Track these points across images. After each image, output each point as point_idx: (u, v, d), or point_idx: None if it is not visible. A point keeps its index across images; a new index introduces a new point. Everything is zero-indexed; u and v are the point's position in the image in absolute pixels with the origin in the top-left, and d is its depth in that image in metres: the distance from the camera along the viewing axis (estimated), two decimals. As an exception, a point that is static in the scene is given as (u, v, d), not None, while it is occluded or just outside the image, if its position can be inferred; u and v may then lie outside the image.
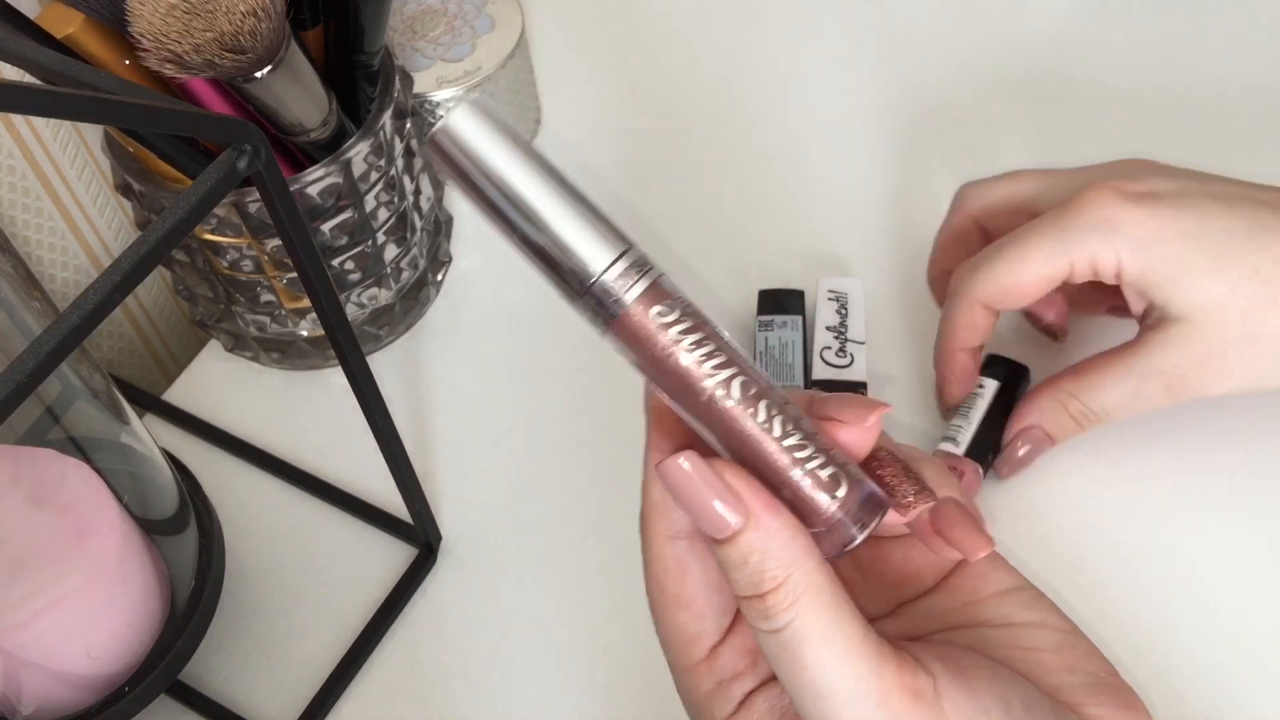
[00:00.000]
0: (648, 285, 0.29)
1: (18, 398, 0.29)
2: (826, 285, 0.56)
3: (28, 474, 0.42)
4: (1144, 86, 0.64)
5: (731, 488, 0.29)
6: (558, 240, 0.29)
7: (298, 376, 0.59)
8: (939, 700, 0.29)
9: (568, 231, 0.29)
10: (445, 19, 0.63)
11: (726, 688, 0.32)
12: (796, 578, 0.29)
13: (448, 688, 0.49)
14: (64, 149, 0.58)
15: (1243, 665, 0.46)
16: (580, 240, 0.29)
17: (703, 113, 0.66)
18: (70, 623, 0.41)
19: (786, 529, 0.29)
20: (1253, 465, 0.51)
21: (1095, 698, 0.31)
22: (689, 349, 0.29)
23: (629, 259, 0.29)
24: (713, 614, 0.32)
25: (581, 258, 0.29)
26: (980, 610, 0.33)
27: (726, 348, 0.29)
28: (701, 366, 0.29)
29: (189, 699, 0.49)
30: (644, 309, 0.29)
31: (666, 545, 0.32)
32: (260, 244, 0.51)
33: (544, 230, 0.29)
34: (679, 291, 0.30)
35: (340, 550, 0.53)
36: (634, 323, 0.29)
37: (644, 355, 0.29)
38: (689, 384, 0.29)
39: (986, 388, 0.51)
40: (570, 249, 0.29)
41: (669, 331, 0.29)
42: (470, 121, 0.29)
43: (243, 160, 0.34)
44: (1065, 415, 0.48)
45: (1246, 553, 0.49)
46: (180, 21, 0.42)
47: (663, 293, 0.29)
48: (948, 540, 0.32)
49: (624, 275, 0.29)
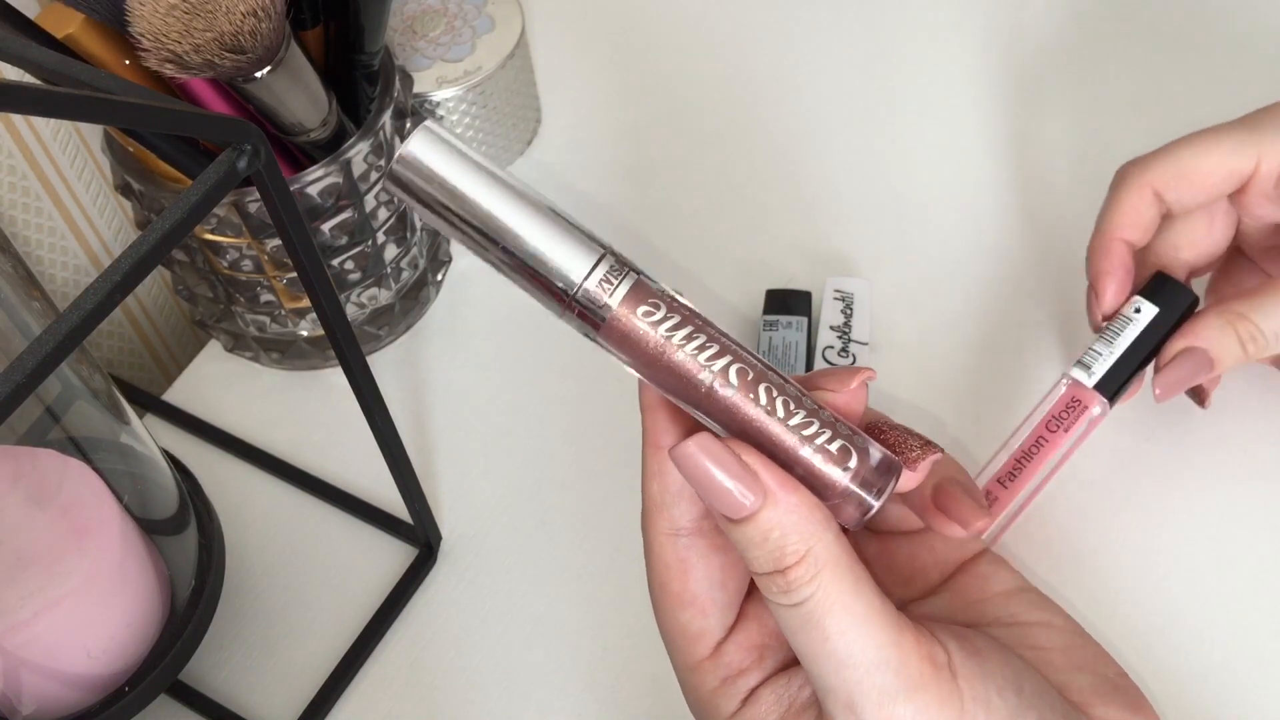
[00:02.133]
0: (630, 286, 0.29)
1: (18, 398, 0.29)
2: (833, 285, 0.56)
3: (28, 474, 0.42)
4: (1144, 89, 0.64)
5: (747, 466, 0.29)
6: (533, 255, 0.29)
7: (298, 376, 0.59)
8: (954, 675, 0.29)
9: (542, 245, 0.29)
10: (445, 19, 0.63)
11: (732, 684, 0.32)
12: (817, 550, 0.29)
13: (448, 688, 0.49)
14: (64, 149, 0.58)
15: (1250, 669, 0.46)
16: (556, 252, 0.29)
17: (704, 112, 0.66)
18: (70, 623, 0.41)
19: (804, 503, 0.29)
20: (1253, 467, 0.51)
21: (1103, 698, 0.31)
22: (681, 343, 0.29)
23: (607, 264, 0.29)
24: (716, 611, 0.32)
25: (560, 269, 0.29)
26: (987, 609, 0.34)
27: (718, 337, 0.29)
28: (696, 359, 0.29)
29: (189, 699, 0.49)
30: (630, 310, 0.29)
31: (668, 542, 0.32)
32: (260, 244, 0.51)
33: (517, 247, 0.29)
34: (663, 288, 0.29)
35: (340, 550, 0.53)
36: (622, 325, 0.29)
37: (637, 355, 0.29)
38: (686, 378, 0.29)
39: (1144, 312, 0.44)
40: (547, 262, 0.29)
41: (659, 329, 0.29)
42: (427, 147, 0.28)
43: (243, 160, 0.34)
44: (1233, 338, 0.42)
45: (1252, 554, 0.49)
46: (180, 21, 0.42)
47: (647, 291, 0.29)
48: (948, 514, 0.32)
49: (605, 280, 0.29)
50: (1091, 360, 0.44)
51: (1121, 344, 0.44)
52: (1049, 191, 0.61)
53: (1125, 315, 0.45)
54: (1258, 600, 0.48)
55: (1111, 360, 0.44)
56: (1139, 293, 0.45)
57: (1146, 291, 0.45)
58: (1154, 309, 0.44)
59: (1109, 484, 0.51)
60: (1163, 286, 0.45)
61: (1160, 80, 0.65)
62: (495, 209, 0.28)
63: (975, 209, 0.60)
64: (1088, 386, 0.44)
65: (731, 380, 0.29)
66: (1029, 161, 0.62)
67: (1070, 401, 0.44)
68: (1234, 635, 0.47)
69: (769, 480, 0.29)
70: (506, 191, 0.29)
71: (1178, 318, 0.44)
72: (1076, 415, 0.43)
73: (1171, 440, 0.51)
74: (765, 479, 0.29)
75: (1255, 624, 0.47)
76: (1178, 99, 0.63)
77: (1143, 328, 0.44)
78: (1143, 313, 0.44)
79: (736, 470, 0.29)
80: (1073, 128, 0.63)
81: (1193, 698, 0.45)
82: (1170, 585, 0.48)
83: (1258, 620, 0.47)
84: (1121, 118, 0.63)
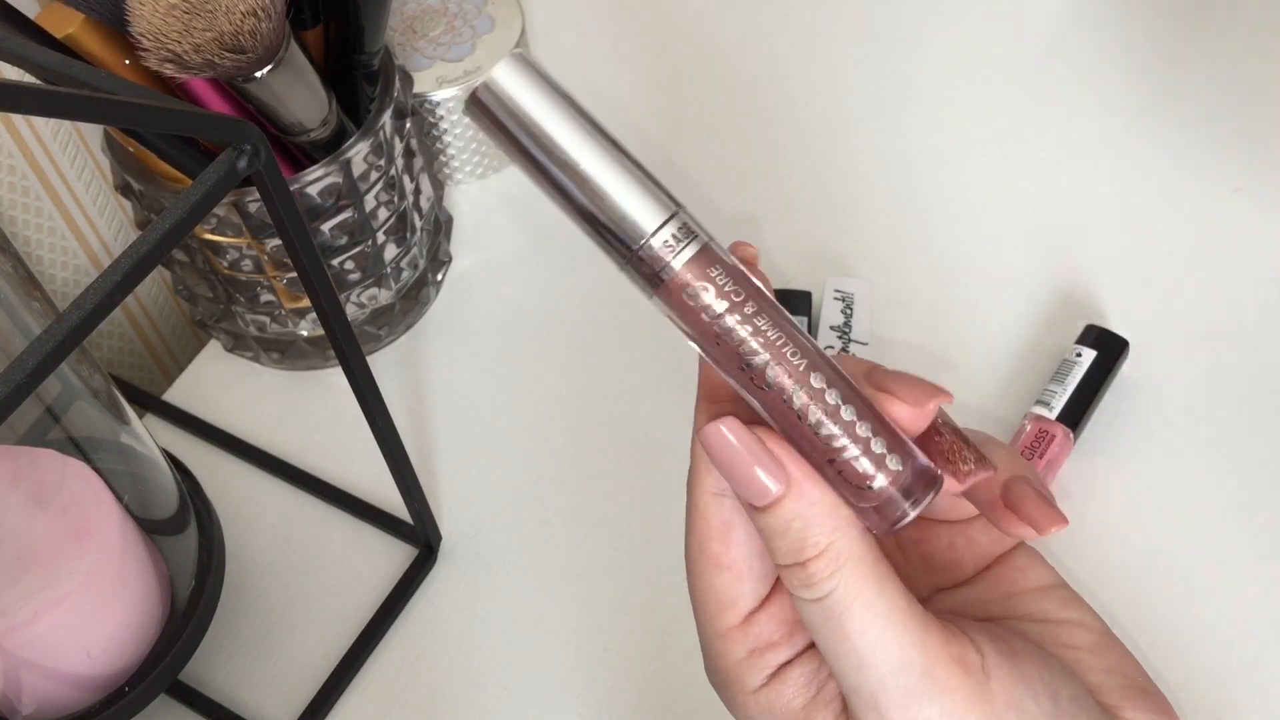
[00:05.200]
0: (696, 251, 0.28)
1: (18, 398, 0.29)
2: (833, 285, 0.56)
3: (28, 474, 0.42)
4: (1144, 88, 0.64)
5: (773, 454, 0.28)
6: (606, 202, 0.28)
7: (298, 376, 0.59)
8: (986, 677, 0.28)
9: (616, 193, 0.28)
10: (445, 19, 0.63)
11: (760, 656, 0.31)
12: (839, 545, 0.28)
13: (448, 688, 0.49)
14: (64, 149, 0.58)
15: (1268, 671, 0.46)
16: (628, 203, 0.28)
17: (705, 112, 0.66)
18: (70, 623, 0.41)
19: (828, 497, 0.28)
20: (1254, 468, 0.51)
21: (1132, 701, 0.31)
22: (738, 317, 0.28)
23: (677, 224, 0.28)
24: (752, 579, 0.31)
25: (627, 221, 0.28)
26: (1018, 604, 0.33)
27: (778, 317, 0.28)
28: (751, 335, 0.28)
29: (189, 699, 0.49)
30: (692, 274, 0.28)
31: (713, 503, 0.31)
32: (260, 244, 0.51)
33: (592, 192, 0.28)
34: (730, 258, 0.29)
35: (340, 550, 0.53)
36: (681, 290, 0.28)
37: (691, 323, 0.28)
38: (737, 352, 0.28)
39: (1084, 356, 0.52)
40: (618, 211, 0.28)
41: (718, 298, 0.28)
42: (514, 77, 0.27)
43: (243, 160, 0.34)
44: None
45: (1260, 555, 0.49)
46: (180, 21, 0.42)
47: (712, 259, 0.28)
48: (1019, 514, 0.31)
49: (671, 240, 0.28)
50: (1049, 398, 0.52)
51: (1071, 382, 0.52)
52: (1049, 191, 0.61)
53: (1069, 359, 0.52)
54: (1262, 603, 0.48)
55: (1066, 396, 0.51)
56: (1077, 340, 0.53)
57: (1083, 340, 0.53)
58: (1093, 352, 0.52)
59: (1122, 488, 0.51)
60: (1096, 334, 0.53)
61: (1160, 79, 0.65)
62: (573, 151, 0.27)
63: (975, 209, 0.60)
64: (1051, 419, 0.51)
65: (784, 362, 0.28)
66: (1029, 161, 0.62)
67: (1039, 434, 0.51)
68: (1248, 639, 0.47)
69: (794, 471, 0.28)
70: (588, 134, 0.28)
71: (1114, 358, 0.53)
72: (1046, 444, 0.50)
73: (1186, 444, 0.51)
74: (791, 468, 0.28)
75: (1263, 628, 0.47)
76: (1178, 98, 0.63)
77: (1086, 368, 0.52)
78: (1083, 356, 0.52)
79: (762, 456, 0.28)
80: (1073, 127, 0.63)
81: (1216, 703, 0.45)
82: (1199, 588, 0.48)
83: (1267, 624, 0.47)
84: (1122, 117, 0.63)
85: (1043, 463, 0.50)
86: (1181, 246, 0.58)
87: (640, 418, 0.55)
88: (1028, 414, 0.52)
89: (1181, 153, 0.60)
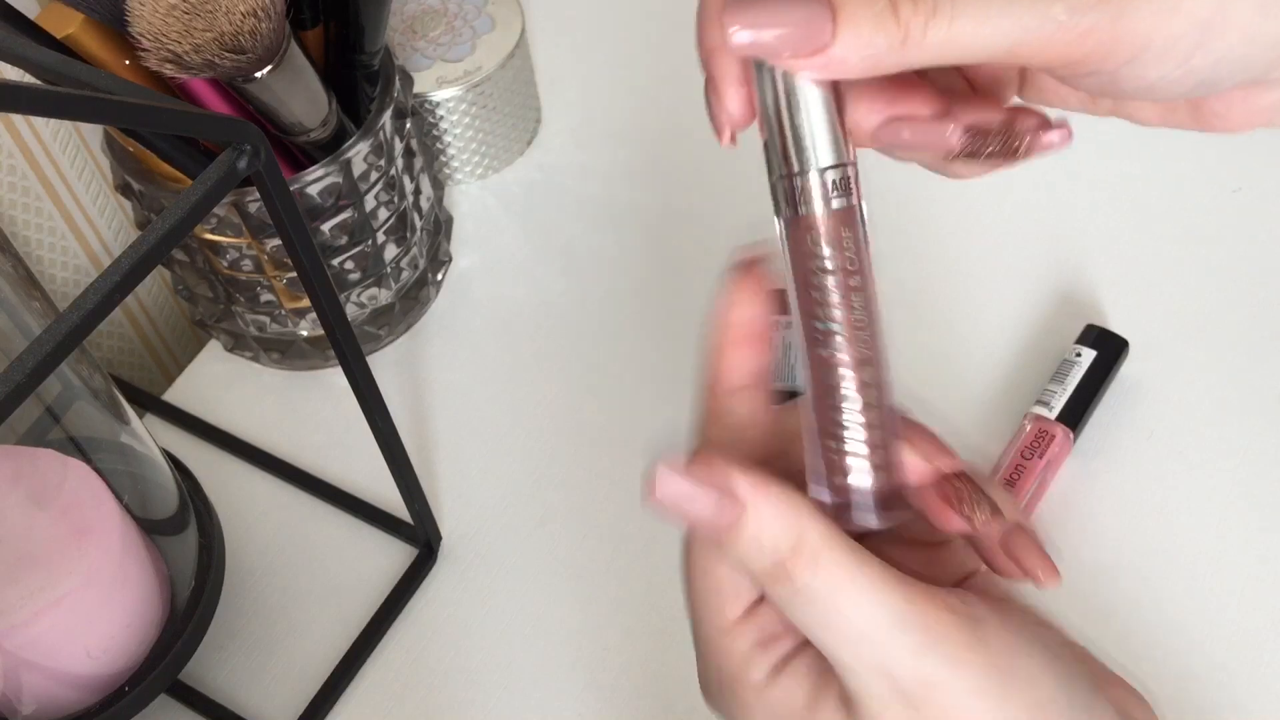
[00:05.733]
0: (844, 206, 0.29)
1: (18, 398, 0.29)
2: None
3: (28, 474, 0.42)
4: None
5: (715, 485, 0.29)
6: (800, 115, 0.29)
7: (298, 376, 0.59)
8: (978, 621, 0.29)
9: (813, 115, 0.29)
10: (445, 19, 0.63)
11: (765, 648, 0.31)
12: (809, 536, 0.29)
13: (448, 687, 0.49)
14: (64, 149, 0.58)
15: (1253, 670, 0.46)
16: (819, 129, 0.29)
17: (704, 113, 0.66)
18: (70, 623, 0.41)
19: (784, 497, 0.29)
20: (1253, 468, 0.51)
21: (1109, 684, 0.32)
22: (840, 282, 0.29)
23: (840, 174, 0.29)
24: None
25: (810, 143, 0.29)
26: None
27: (871, 306, 0.30)
28: (839, 303, 0.29)
29: (189, 699, 0.49)
30: (829, 223, 0.29)
31: None
32: (260, 244, 0.51)
33: (797, 102, 0.29)
34: (867, 233, 0.30)
35: (340, 550, 0.53)
36: (811, 229, 0.29)
37: (799, 261, 0.29)
38: (820, 312, 0.29)
39: (1084, 356, 0.52)
40: (806, 129, 0.29)
41: (834, 256, 0.29)
42: None
43: (243, 160, 0.34)
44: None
45: (1260, 555, 0.49)
46: (180, 21, 0.42)
47: (852, 222, 0.29)
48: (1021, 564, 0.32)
49: (832, 185, 0.29)
50: (1049, 398, 0.51)
51: (1071, 382, 0.52)
52: (1049, 191, 0.61)
53: (1069, 359, 0.52)
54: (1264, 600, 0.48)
55: (1066, 396, 0.51)
56: (1077, 340, 0.53)
57: (1082, 340, 0.53)
58: (1092, 352, 0.52)
59: (1098, 501, 0.51)
60: (1096, 334, 0.53)
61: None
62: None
63: (975, 209, 0.60)
64: (1050, 419, 0.51)
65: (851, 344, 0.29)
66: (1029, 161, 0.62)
67: (1038, 433, 0.51)
68: (1240, 638, 0.47)
69: (741, 489, 0.29)
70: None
71: (1113, 358, 0.52)
72: (1045, 445, 0.50)
73: (1181, 443, 0.51)
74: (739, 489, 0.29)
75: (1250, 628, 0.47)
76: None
77: (1086, 368, 0.52)
78: (1083, 356, 0.52)
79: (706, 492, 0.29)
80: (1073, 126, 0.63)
81: (1211, 704, 0.46)
82: (1166, 592, 0.48)
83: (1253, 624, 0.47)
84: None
85: (1043, 463, 0.50)
86: (1181, 247, 0.58)
87: (640, 418, 0.55)
88: (1027, 414, 0.51)
89: (1182, 153, 0.60)
